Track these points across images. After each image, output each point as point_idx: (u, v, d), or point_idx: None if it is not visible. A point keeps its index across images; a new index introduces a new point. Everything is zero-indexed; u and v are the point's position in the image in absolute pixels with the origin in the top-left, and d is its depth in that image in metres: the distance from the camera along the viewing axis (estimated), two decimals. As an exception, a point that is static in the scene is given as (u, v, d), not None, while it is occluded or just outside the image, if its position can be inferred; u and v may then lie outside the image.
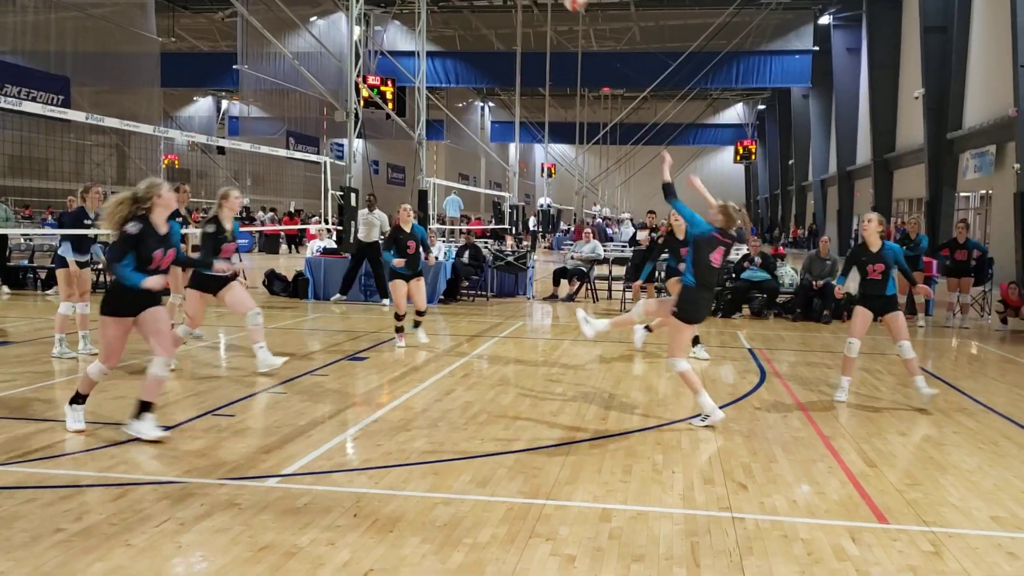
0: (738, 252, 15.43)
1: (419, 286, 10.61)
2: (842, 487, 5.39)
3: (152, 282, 6.00)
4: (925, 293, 9.52)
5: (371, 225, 15.38)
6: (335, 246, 16.95)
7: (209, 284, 8.26)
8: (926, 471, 5.80)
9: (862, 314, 8.15)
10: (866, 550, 4.37)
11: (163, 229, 6.28)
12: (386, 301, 15.40)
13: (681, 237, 10.01)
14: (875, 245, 8.00)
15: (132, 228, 6.05)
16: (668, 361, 7.15)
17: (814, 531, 4.62)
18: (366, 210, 15.74)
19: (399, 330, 10.54)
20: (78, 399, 6.23)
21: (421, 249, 10.53)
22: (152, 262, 6.11)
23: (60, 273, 9.35)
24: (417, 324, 10.83)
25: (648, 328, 10.27)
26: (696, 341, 10.26)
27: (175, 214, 10.41)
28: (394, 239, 10.49)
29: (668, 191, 7.30)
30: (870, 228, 8.01)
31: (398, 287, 10.45)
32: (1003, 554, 4.37)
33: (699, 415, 6.95)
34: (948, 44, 27.54)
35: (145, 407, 6.08)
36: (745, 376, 9.21)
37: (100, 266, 16.75)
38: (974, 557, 4.32)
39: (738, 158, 50.83)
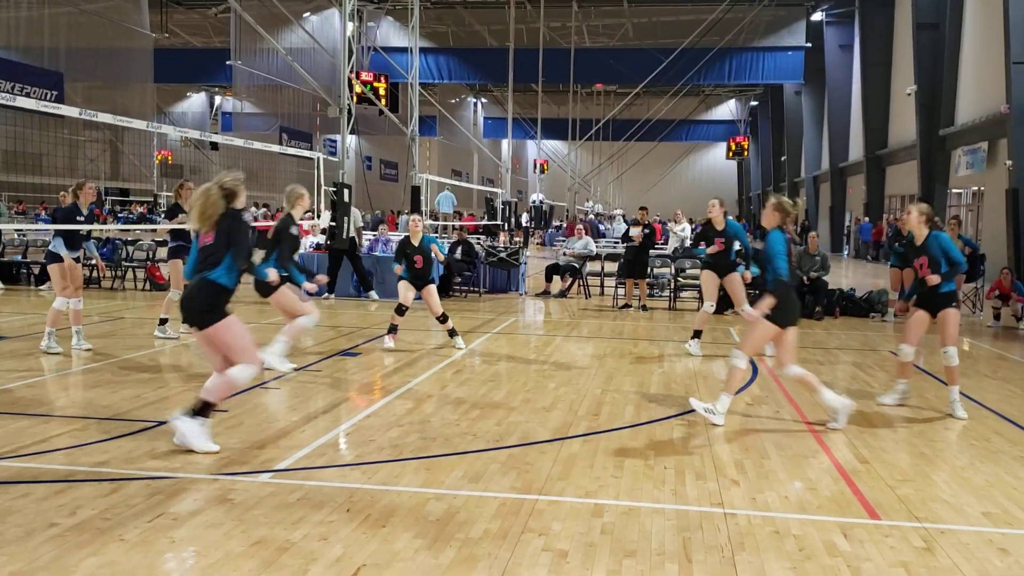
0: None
1: (429, 292, 10.16)
2: (834, 483, 5.42)
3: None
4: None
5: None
6: (327, 242, 16.91)
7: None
8: (917, 467, 5.83)
9: (917, 319, 7.51)
10: (858, 546, 4.39)
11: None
12: (372, 294, 15.40)
13: (719, 228, 10.05)
14: (920, 237, 7.38)
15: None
16: (732, 352, 6.95)
17: (806, 527, 4.64)
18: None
19: (393, 328, 10.18)
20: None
21: (434, 257, 10.20)
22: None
23: (53, 268, 9.31)
24: (452, 333, 10.33)
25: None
26: (697, 335, 10.29)
27: (179, 210, 10.36)
28: (402, 253, 10.13)
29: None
30: (911, 220, 7.42)
31: (404, 285, 10.14)
32: (994, 550, 4.40)
33: (703, 409, 6.81)
34: (940, 41, 27.63)
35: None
36: (738, 372, 9.22)
37: (93, 262, 16.72)
38: (966, 553, 4.34)
39: (730, 154, 50.96)
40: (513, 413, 7.06)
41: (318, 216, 16.85)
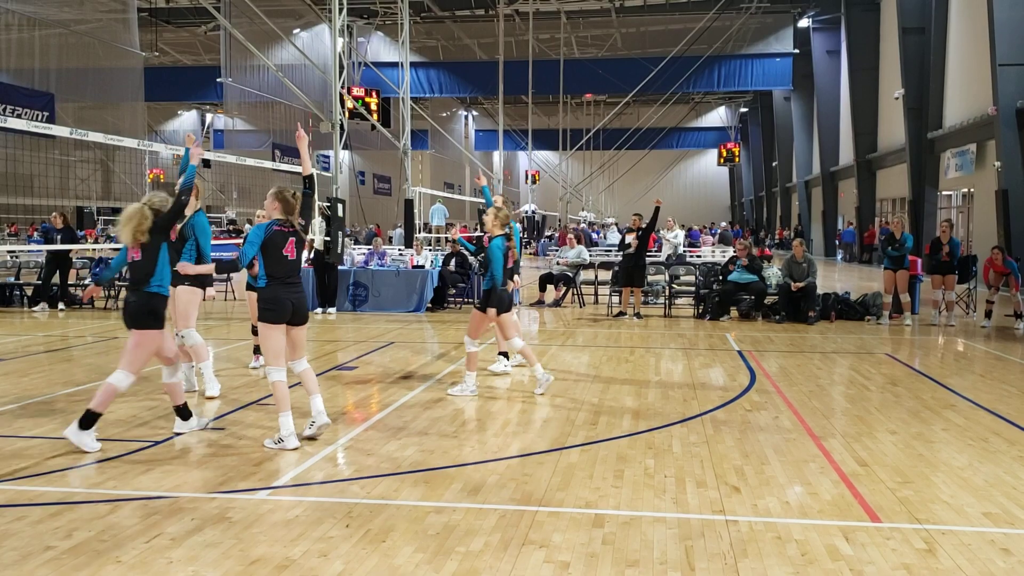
0: (724, 254, 15.48)
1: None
2: (834, 487, 5.41)
3: None
4: None
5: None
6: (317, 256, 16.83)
7: None
8: (917, 469, 5.82)
9: None
10: (860, 549, 4.38)
11: None
12: (332, 310, 15.19)
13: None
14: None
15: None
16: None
17: (808, 532, 4.62)
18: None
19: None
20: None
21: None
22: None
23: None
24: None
25: None
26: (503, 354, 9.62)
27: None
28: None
29: None
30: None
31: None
32: (996, 550, 4.38)
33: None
34: (926, 44, 27.80)
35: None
36: (735, 378, 9.23)
37: (86, 282, 16.65)
38: (968, 554, 4.33)
39: (722, 161, 51.11)
40: (510, 424, 7.04)
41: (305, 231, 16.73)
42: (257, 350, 9.42)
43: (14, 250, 20.94)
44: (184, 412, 6.75)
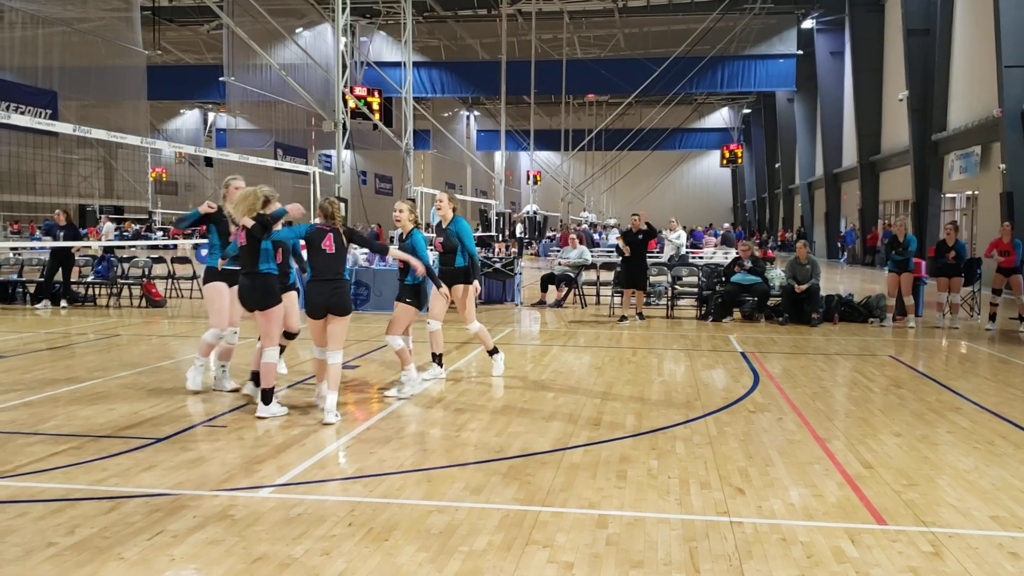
0: (727, 256, 15.44)
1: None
2: (839, 489, 5.38)
3: None
4: None
5: None
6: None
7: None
8: (922, 472, 5.79)
9: None
10: (866, 552, 4.35)
11: None
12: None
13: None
14: None
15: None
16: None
17: (813, 534, 4.60)
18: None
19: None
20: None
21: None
22: None
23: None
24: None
25: None
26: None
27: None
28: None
29: None
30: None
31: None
32: (1005, 554, 4.35)
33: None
34: (931, 46, 27.74)
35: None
36: (739, 379, 9.20)
37: (89, 278, 16.66)
38: (975, 557, 4.30)
39: (724, 162, 51.03)
40: (512, 424, 7.01)
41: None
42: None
43: (17, 247, 20.94)
44: (268, 395, 7.17)
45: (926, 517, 4.87)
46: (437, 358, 9.01)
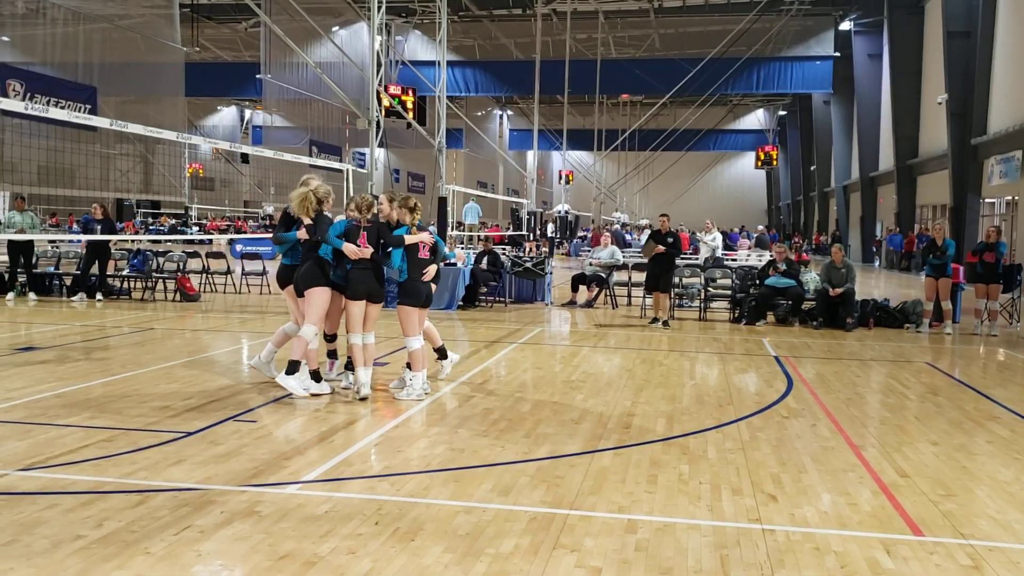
0: (761, 258, 15.25)
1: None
2: (874, 498, 5.26)
3: None
4: None
5: None
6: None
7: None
8: (960, 482, 5.65)
9: None
10: (902, 563, 4.24)
11: None
12: None
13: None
14: None
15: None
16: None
17: (847, 543, 4.49)
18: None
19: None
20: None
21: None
22: None
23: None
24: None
25: None
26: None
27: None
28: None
29: None
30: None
31: None
32: (1044, 568, 4.23)
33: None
34: (972, 49, 27.26)
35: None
36: (772, 384, 9.07)
37: (125, 271, 16.85)
38: (1016, 572, 4.17)
39: (759, 164, 50.56)
40: (541, 425, 6.96)
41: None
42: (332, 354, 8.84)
43: (55, 240, 21.24)
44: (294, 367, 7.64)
45: (964, 529, 4.74)
46: (440, 351, 8.96)
